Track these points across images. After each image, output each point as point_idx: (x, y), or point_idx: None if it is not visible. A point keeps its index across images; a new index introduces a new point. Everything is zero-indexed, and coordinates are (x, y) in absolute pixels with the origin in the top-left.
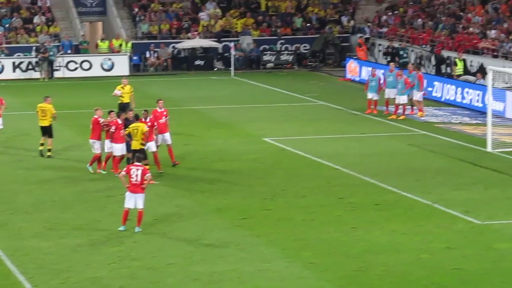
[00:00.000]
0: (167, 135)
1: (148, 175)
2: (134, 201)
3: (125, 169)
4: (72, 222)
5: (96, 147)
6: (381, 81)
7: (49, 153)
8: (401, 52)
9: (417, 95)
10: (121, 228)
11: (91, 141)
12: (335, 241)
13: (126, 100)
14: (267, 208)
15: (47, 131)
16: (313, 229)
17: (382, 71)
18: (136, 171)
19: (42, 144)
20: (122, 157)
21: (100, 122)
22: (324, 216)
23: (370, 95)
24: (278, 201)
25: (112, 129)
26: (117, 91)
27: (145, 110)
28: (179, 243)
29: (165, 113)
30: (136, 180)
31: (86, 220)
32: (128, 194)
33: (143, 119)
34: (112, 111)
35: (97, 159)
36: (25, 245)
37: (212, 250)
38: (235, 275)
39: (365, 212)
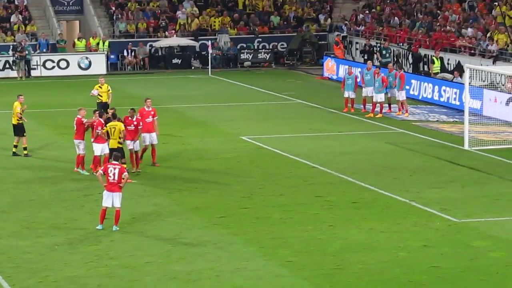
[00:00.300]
0: (154, 135)
1: (126, 174)
2: (111, 200)
3: (102, 168)
4: (49, 221)
5: (81, 147)
6: (358, 79)
7: (25, 152)
8: (383, 52)
9: (400, 95)
10: (99, 227)
11: (76, 141)
12: (312, 239)
13: (104, 99)
14: (244, 206)
15: (16, 130)
16: (291, 228)
17: (359, 69)
18: (113, 170)
19: (15, 146)
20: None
21: (84, 122)
22: (301, 215)
23: (347, 94)
24: (256, 200)
25: (98, 129)
26: (94, 91)
27: (131, 109)
28: (157, 242)
29: (152, 112)
30: (113, 179)
31: (63, 219)
32: (105, 193)
33: (129, 118)
34: (97, 111)
35: (82, 160)
36: (2, 244)
37: (190, 248)
38: (213, 273)
39: (343, 210)
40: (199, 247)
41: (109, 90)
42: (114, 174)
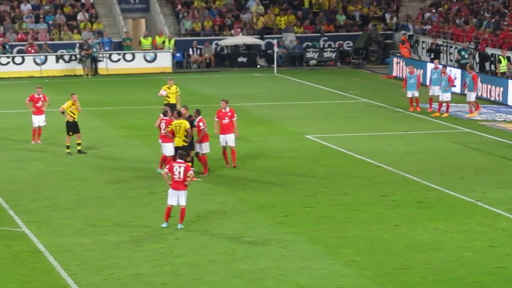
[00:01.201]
0: (231, 136)
1: (191, 172)
2: (176, 198)
3: (167, 166)
4: (114, 218)
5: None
6: (420, 78)
7: (78, 147)
8: (462, 53)
9: (471, 96)
10: (164, 225)
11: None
12: (377, 239)
13: (172, 100)
14: (309, 205)
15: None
16: (355, 227)
17: (421, 70)
18: (178, 168)
19: (68, 146)
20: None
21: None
22: (366, 214)
23: (410, 93)
24: (320, 199)
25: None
26: (162, 92)
27: (196, 110)
28: (221, 240)
29: (229, 113)
30: (178, 177)
31: (128, 216)
32: (170, 191)
33: (194, 118)
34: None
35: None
36: (67, 241)
37: (254, 247)
38: (277, 272)
39: (408, 210)
40: (263, 245)
41: (177, 92)
42: (179, 173)
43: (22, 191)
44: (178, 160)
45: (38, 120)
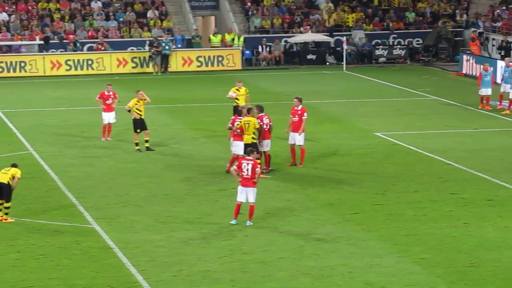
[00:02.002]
0: (297, 135)
1: (258, 169)
2: (245, 195)
3: (236, 163)
4: (183, 215)
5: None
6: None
7: (147, 144)
8: None
9: None
10: (233, 222)
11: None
12: (446, 236)
13: (241, 102)
14: (378, 203)
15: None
16: (424, 225)
17: (491, 68)
18: (247, 165)
19: (137, 144)
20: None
21: (233, 128)
22: (435, 212)
23: (484, 91)
24: (389, 196)
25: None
26: (232, 93)
27: (257, 106)
28: (290, 237)
29: (299, 112)
30: (247, 174)
31: (197, 213)
32: (240, 188)
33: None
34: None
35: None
36: (137, 238)
37: (323, 244)
38: (345, 269)
39: (477, 208)
40: (332, 243)
41: (247, 93)
42: (247, 170)
43: (92, 187)
44: (247, 157)
45: (108, 117)
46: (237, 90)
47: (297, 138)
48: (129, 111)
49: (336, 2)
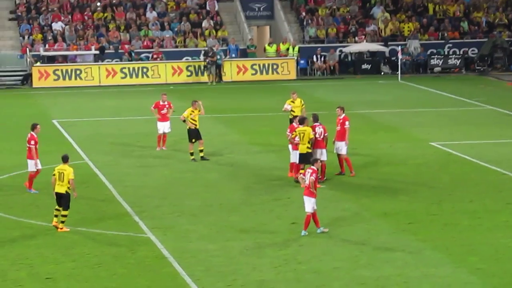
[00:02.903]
0: (340, 144)
1: (312, 177)
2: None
3: (302, 172)
4: (238, 225)
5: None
6: None
7: (201, 154)
8: None
9: None
10: (303, 233)
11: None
12: (502, 246)
13: (297, 113)
14: (433, 213)
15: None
16: (480, 235)
17: None
18: (308, 174)
19: (192, 153)
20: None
21: (289, 138)
22: (491, 222)
23: None
24: (444, 206)
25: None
26: (287, 106)
27: (313, 115)
28: (345, 247)
29: (341, 120)
30: (307, 183)
31: (252, 223)
32: (304, 197)
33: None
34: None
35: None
36: (192, 247)
37: (378, 254)
38: (401, 279)
39: None
40: (387, 252)
41: (302, 105)
42: (308, 179)
43: (147, 197)
44: (311, 166)
45: (163, 127)
46: (292, 102)
47: (339, 148)
48: (184, 121)
49: (392, 12)
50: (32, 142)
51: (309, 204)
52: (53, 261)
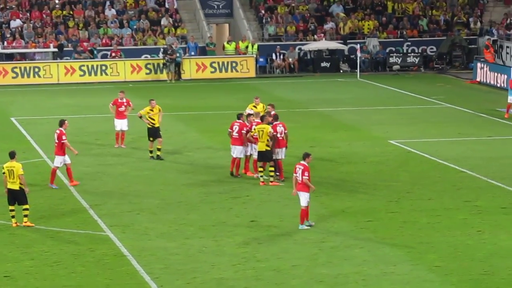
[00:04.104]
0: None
1: (305, 176)
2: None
3: (294, 169)
4: (197, 223)
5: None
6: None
7: (158, 153)
8: None
9: None
10: (304, 226)
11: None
12: (460, 244)
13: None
14: (392, 210)
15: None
16: (438, 232)
17: (505, 76)
18: (299, 170)
19: (151, 151)
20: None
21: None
22: (449, 219)
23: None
24: (403, 204)
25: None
26: (249, 111)
27: (274, 114)
28: (304, 245)
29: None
30: (300, 179)
31: (211, 221)
32: (299, 193)
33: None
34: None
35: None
36: (151, 245)
37: (337, 252)
38: (359, 277)
39: (492, 216)
40: (346, 250)
41: (264, 109)
42: (299, 174)
43: (106, 195)
44: (301, 162)
45: (121, 124)
46: (254, 107)
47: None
48: (140, 117)
49: (350, 10)
50: (64, 138)
51: (304, 199)
52: (11, 259)
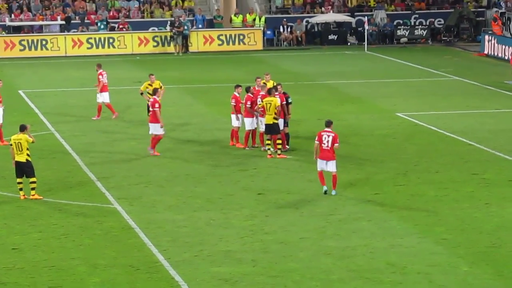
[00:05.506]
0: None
1: (337, 144)
2: (325, 167)
3: (317, 136)
4: (205, 195)
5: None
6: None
7: None
8: None
9: None
10: (324, 188)
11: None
12: (468, 217)
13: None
14: (399, 183)
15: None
16: (446, 205)
17: None
18: (327, 137)
19: None
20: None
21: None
22: (457, 192)
23: None
24: (411, 177)
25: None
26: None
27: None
28: (311, 218)
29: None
30: (327, 146)
31: (219, 193)
32: (318, 161)
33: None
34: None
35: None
36: (159, 218)
37: (344, 225)
38: (367, 250)
39: (499, 188)
40: (353, 223)
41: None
42: (328, 142)
43: (114, 167)
44: (326, 129)
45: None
46: (264, 83)
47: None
48: (141, 94)
49: None
50: (157, 106)
51: (334, 165)
52: (19, 232)
